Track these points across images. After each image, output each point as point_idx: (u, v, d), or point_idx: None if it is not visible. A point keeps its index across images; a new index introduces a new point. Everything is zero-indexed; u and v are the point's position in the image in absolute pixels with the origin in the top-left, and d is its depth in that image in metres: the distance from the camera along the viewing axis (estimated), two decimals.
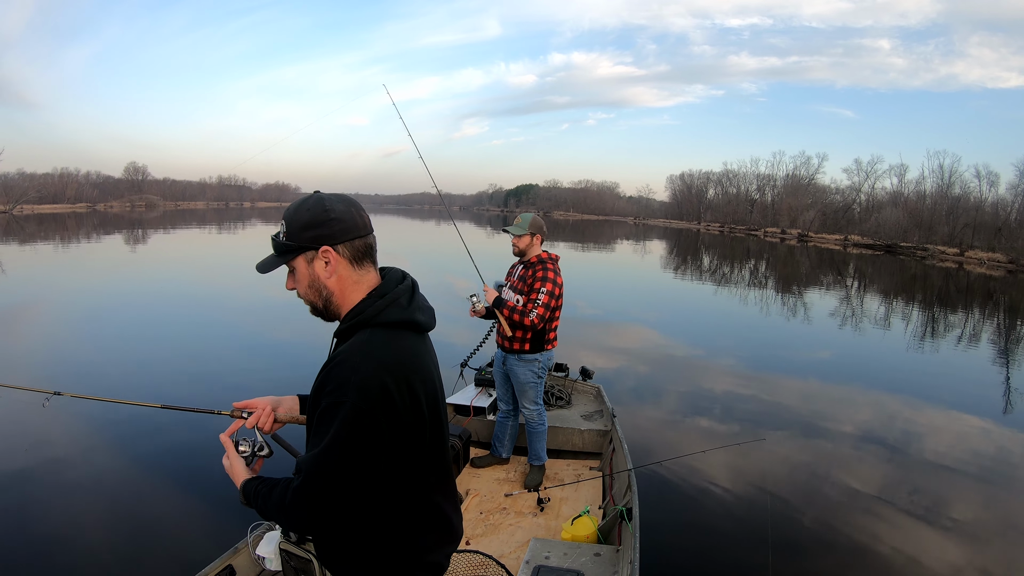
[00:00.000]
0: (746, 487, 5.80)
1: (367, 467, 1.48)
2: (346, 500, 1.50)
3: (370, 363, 1.47)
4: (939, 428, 8.20)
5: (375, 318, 1.55)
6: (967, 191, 65.04)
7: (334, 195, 1.60)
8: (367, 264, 1.61)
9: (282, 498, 1.55)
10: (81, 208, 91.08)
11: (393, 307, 1.57)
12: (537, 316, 4.48)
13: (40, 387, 2.21)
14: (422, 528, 1.66)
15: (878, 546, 4.85)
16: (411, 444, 1.55)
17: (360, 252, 1.59)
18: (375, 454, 1.47)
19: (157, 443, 6.14)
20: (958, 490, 6.16)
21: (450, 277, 16.58)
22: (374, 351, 1.50)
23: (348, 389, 1.43)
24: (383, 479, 1.52)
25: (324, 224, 1.55)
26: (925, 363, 12.30)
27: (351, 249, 1.58)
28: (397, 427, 1.49)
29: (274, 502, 1.57)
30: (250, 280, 14.40)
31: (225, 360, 9.68)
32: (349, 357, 1.49)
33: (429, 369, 1.63)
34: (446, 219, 71.38)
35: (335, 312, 1.63)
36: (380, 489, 1.53)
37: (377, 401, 1.44)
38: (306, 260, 1.58)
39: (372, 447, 1.46)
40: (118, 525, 4.74)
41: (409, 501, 1.61)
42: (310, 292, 1.61)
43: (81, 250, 29.92)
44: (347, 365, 1.47)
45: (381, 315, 1.55)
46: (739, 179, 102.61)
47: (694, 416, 8.04)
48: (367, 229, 1.62)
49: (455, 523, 1.78)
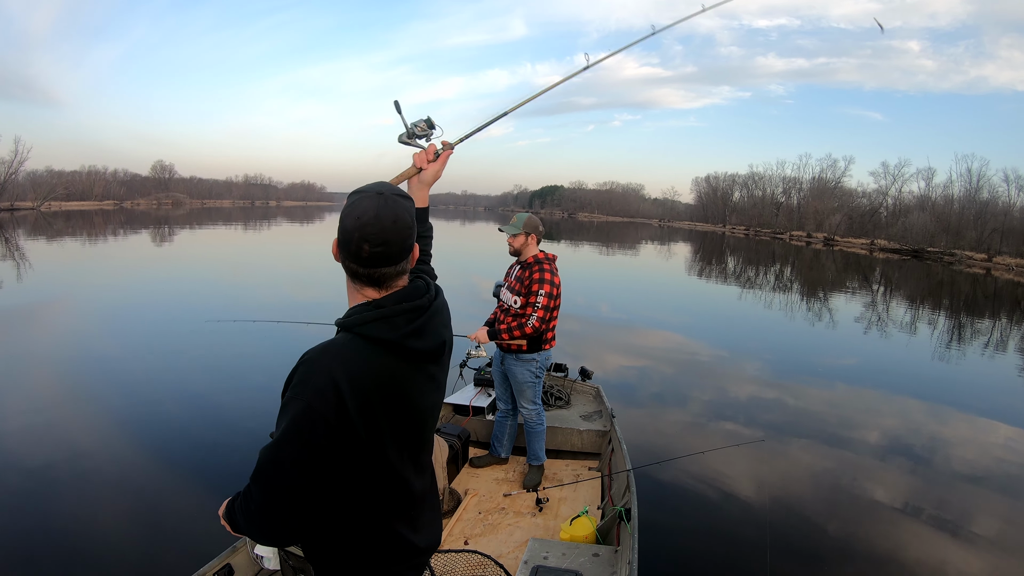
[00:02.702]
0: (745, 489, 5.76)
1: (312, 467, 1.45)
2: (293, 498, 1.47)
3: (334, 368, 1.45)
4: (948, 432, 8.04)
5: (356, 326, 1.51)
6: (995, 195, 63.72)
7: (362, 207, 1.48)
8: (368, 287, 1.56)
9: (242, 497, 1.56)
10: (108, 205, 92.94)
11: (381, 323, 1.51)
12: (537, 319, 4.47)
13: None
14: (376, 549, 1.64)
15: (879, 552, 4.78)
16: (363, 461, 1.51)
17: (356, 275, 1.55)
18: (321, 456, 1.44)
19: (157, 443, 6.18)
20: (960, 494, 6.05)
21: (458, 276, 16.54)
22: (343, 358, 1.48)
23: (307, 387, 1.43)
24: (331, 486, 1.49)
25: (339, 228, 1.53)
26: (948, 370, 12.06)
27: (348, 269, 1.56)
28: (348, 438, 1.46)
29: (238, 506, 1.57)
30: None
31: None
32: (319, 356, 1.48)
33: (405, 395, 1.57)
34: (471, 219, 71.61)
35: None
36: (329, 496, 1.51)
37: (331, 406, 1.42)
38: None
39: (318, 448, 1.43)
40: (117, 525, 4.75)
41: (361, 520, 1.59)
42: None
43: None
44: (313, 364, 1.46)
45: (365, 327, 1.51)
46: (765, 182, 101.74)
47: (694, 417, 7.99)
48: (359, 261, 1.51)
49: (419, 546, 1.72)
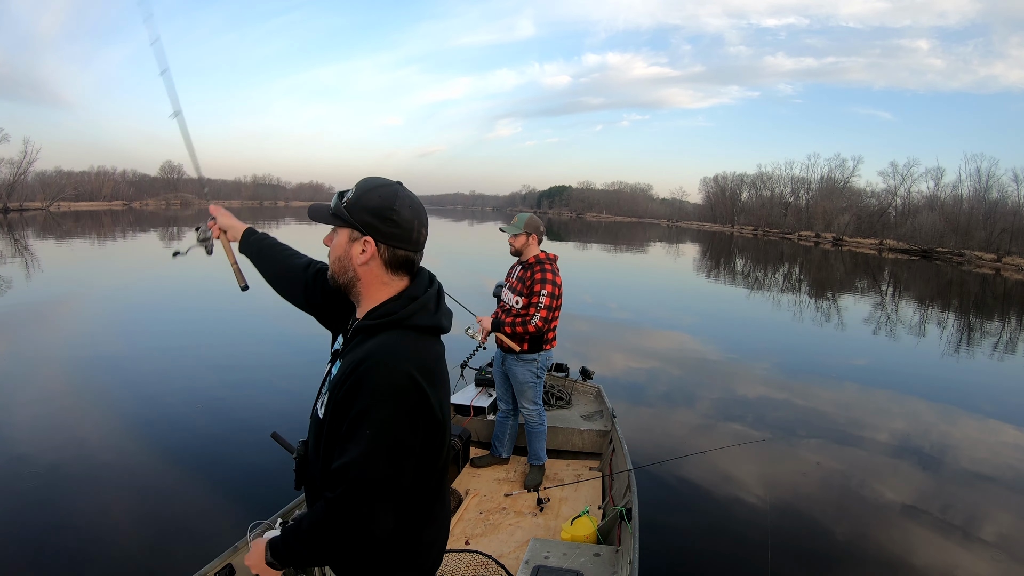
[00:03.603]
0: (747, 489, 5.74)
1: (405, 469, 1.47)
2: (390, 503, 1.47)
3: (406, 366, 1.47)
4: (956, 433, 7.97)
5: (406, 320, 1.55)
6: (1005, 195, 63.26)
7: (411, 198, 1.60)
8: (401, 273, 1.61)
9: (322, 514, 1.48)
10: (117, 205, 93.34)
11: (423, 312, 1.58)
12: (540, 319, 4.48)
13: None
14: (425, 529, 1.67)
15: (882, 554, 4.76)
16: (435, 446, 1.57)
17: (399, 261, 1.59)
18: (411, 455, 1.47)
19: (161, 441, 6.20)
20: (968, 496, 6.01)
21: (464, 275, 16.53)
22: (408, 354, 1.50)
23: (389, 390, 1.44)
24: (412, 481, 1.52)
25: (383, 219, 1.55)
26: (956, 370, 11.98)
27: (391, 255, 1.58)
28: (429, 429, 1.51)
29: (308, 523, 1.51)
30: None
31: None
32: (384, 359, 1.48)
33: (447, 374, 1.67)
34: (479, 219, 71.45)
35: (355, 297, 1.65)
36: (409, 490, 1.53)
37: (415, 404, 1.46)
38: (350, 237, 1.59)
39: (412, 450, 1.47)
40: (116, 524, 4.75)
41: (421, 503, 1.62)
42: (338, 264, 1.62)
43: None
44: (382, 367, 1.46)
45: (412, 318, 1.56)
46: (773, 182, 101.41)
47: (695, 417, 7.97)
48: (416, 246, 1.61)
49: (447, 524, 1.79)
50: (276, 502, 3.60)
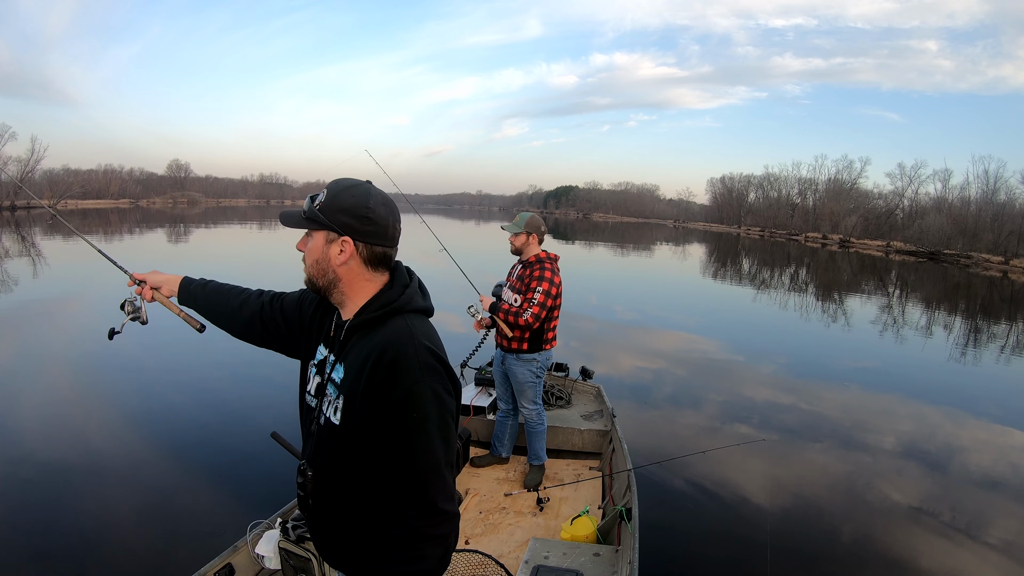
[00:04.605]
0: (747, 489, 5.73)
1: (451, 443, 1.56)
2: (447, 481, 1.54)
3: (428, 344, 1.54)
4: (962, 436, 7.95)
5: (407, 306, 1.60)
6: (1013, 197, 62.68)
7: (383, 195, 1.63)
8: (381, 269, 1.65)
9: (414, 519, 1.52)
10: (124, 204, 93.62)
11: (418, 296, 1.65)
12: (532, 315, 4.48)
13: None
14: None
15: (882, 557, 4.75)
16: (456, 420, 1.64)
17: (377, 258, 1.62)
18: (454, 430, 1.59)
19: (165, 440, 6.21)
20: (972, 500, 5.97)
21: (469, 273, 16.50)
22: (425, 335, 1.56)
23: (419, 371, 1.49)
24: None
25: (359, 218, 1.57)
26: (963, 373, 11.95)
27: (369, 252, 1.60)
28: (456, 407, 1.60)
29: (398, 535, 1.53)
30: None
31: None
32: (408, 342, 1.52)
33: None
34: (486, 219, 71.40)
35: (337, 299, 1.66)
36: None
37: (445, 379, 1.54)
38: (326, 239, 1.60)
39: (453, 424, 1.57)
40: (116, 523, 4.75)
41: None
42: (316, 268, 1.63)
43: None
44: (410, 349, 1.51)
45: (412, 303, 1.62)
46: (780, 183, 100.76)
47: (696, 417, 7.97)
48: (392, 242, 1.65)
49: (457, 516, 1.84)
50: (276, 502, 3.62)
